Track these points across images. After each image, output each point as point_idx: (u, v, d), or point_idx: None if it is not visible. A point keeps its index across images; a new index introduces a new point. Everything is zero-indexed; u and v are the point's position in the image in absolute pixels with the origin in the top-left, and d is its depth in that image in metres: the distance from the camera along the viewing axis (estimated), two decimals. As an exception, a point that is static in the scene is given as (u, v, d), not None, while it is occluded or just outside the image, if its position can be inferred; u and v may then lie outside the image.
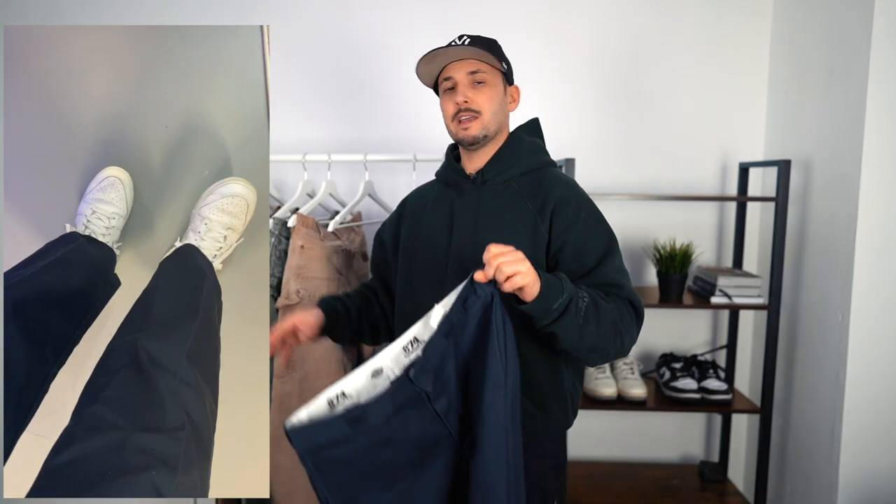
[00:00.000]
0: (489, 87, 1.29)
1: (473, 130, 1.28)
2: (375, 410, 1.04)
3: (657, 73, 2.34)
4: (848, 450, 1.82)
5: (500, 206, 1.30)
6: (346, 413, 1.03)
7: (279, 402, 1.77)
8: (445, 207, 1.36)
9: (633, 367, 2.21)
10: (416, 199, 1.45)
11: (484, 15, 2.33)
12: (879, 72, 1.73)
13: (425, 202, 1.41)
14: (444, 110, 1.32)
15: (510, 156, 1.34)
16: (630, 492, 2.21)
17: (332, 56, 2.34)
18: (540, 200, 1.29)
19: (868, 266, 1.78)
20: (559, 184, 1.32)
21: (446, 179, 1.40)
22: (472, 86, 1.28)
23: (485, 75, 1.29)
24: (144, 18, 2.33)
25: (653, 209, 2.38)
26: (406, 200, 1.48)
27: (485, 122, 1.28)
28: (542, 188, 1.31)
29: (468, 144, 1.31)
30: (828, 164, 1.95)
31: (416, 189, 1.49)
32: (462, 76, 1.28)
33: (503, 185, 1.32)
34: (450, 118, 1.31)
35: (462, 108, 1.28)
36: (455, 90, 1.29)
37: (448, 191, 1.38)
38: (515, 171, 1.33)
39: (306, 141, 2.35)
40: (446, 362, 1.08)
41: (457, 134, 1.31)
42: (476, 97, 1.28)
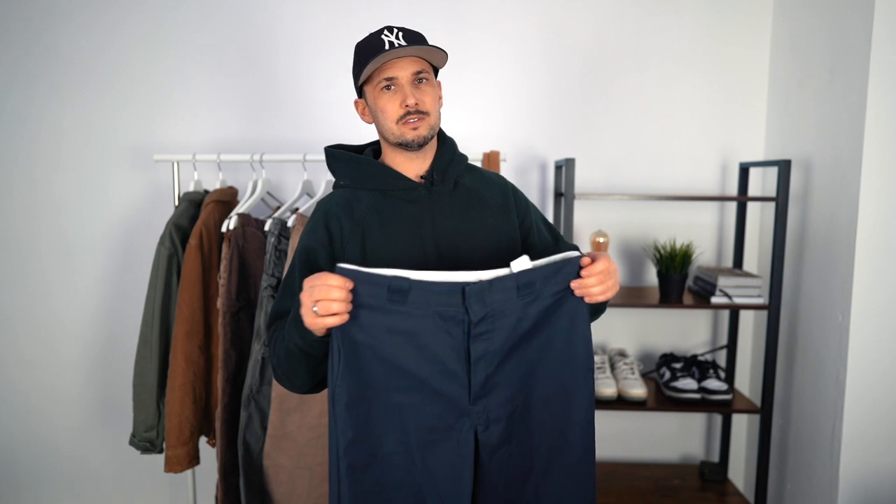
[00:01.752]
0: (431, 85, 1.24)
1: (423, 131, 1.22)
2: (418, 294, 1.02)
3: (657, 72, 2.34)
4: (848, 450, 1.82)
5: (460, 205, 1.27)
6: (394, 278, 1.01)
7: (279, 402, 1.77)
8: (402, 218, 1.24)
9: (633, 367, 2.21)
10: (346, 214, 1.25)
11: (484, 14, 2.33)
12: (879, 72, 1.73)
13: (364, 216, 1.24)
14: (385, 111, 1.21)
15: (450, 156, 1.31)
16: (630, 492, 2.21)
17: (332, 56, 2.34)
18: (497, 194, 1.31)
19: (868, 266, 1.78)
20: (498, 176, 1.37)
21: (382, 186, 1.26)
22: (416, 85, 1.22)
23: (427, 74, 1.23)
24: (144, 18, 2.33)
25: (653, 209, 2.38)
26: (328, 213, 1.25)
27: (432, 123, 1.23)
28: (492, 182, 1.33)
29: (417, 146, 1.23)
30: (828, 164, 1.95)
31: (328, 203, 1.28)
32: (406, 75, 1.20)
33: (454, 185, 1.29)
34: (394, 119, 1.21)
35: (412, 111, 1.20)
36: (397, 90, 1.21)
37: (392, 199, 1.25)
38: (458, 168, 1.31)
39: (307, 141, 2.36)
40: (507, 314, 1.07)
41: (403, 136, 1.21)
42: (422, 97, 1.22)
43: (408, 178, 1.26)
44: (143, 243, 2.29)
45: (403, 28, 1.22)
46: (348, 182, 1.28)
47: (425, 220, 1.24)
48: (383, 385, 1.05)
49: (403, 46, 1.18)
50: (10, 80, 2.35)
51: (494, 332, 1.06)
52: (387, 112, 1.21)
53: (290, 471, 1.77)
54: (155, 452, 2.00)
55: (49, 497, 2.52)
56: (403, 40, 1.19)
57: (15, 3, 2.32)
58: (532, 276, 1.06)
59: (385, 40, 1.18)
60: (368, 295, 1.02)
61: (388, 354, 1.04)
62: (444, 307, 1.04)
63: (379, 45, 1.19)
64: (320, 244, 1.23)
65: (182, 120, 2.37)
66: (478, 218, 1.27)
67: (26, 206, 2.41)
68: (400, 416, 1.06)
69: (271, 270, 1.84)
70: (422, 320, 1.04)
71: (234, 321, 1.87)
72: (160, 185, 2.38)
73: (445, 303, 1.04)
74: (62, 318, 2.44)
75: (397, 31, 1.20)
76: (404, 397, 1.06)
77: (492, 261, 1.19)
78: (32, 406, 2.48)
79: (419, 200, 1.25)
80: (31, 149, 2.38)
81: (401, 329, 1.04)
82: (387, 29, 1.20)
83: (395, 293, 1.02)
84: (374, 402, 1.05)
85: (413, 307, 1.03)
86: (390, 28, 1.21)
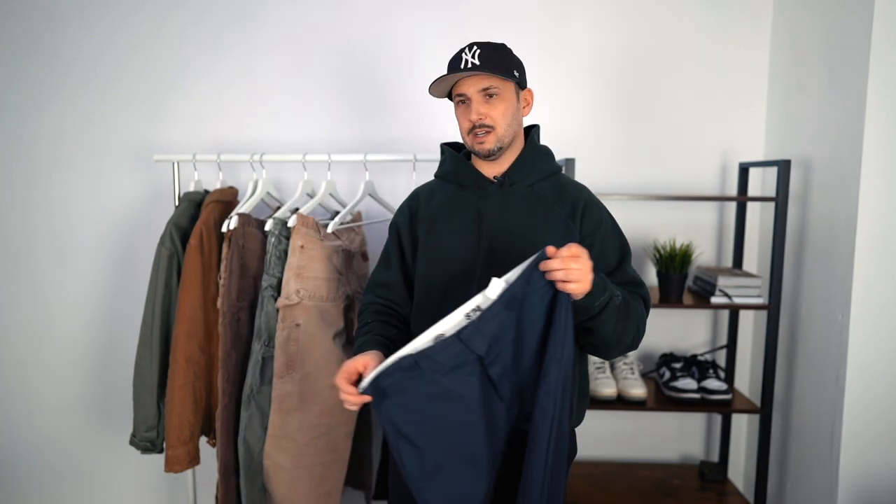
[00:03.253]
0: (501, 100, 1.32)
1: (489, 144, 1.32)
2: (427, 362, 1.11)
3: (657, 72, 2.34)
4: (848, 450, 1.82)
5: (529, 210, 1.35)
6: (399, 360, 1.11)
7: (279, 402, 1.77)
8: (469, 210, 1.37)
9: (633, 367, 2.21)
10: (427, 199, 1.43)
11: (485, 15, 2.33)
12: (879, 72, 1.73)
13: (440, 204, 1.40)
14: (460, 124, 1.36)
15: (532, 161, 1.39)
16: (630, 492, 2.21)
17: (333, 56, 2.34)
18: (568, 205, 1.36)
19: (868, 266, 1.78)
20: (581, 189, 1.41)
21: (462, 181, 1.40)
22: (484, 101, 1.31)
23: (496, 89, 1.31)
24: (144, 18, 2.33)
25: (653, 209, 2.38)
26: (418, 196, 1.46)
27: (499, 136, 1.32)
28: (568, 192, 1.38)
29: (485, 157, 1.35)
30: (828, 164, 1.95)
31: (424, 188, 1.48)
32: (474, 92, 1.31)
33: (527, 189, 1.37)
34: (465, 132, 1.34)
35: (477, 126, 1.31)
36: (468, 105, 1.32)
37: (466, 193, 1.39)
38: (537, 175, 1.38)
39: (306, 141, 2.36)
40: (505, 332, 1.13)
41: (472, 147, 1.35)
42: (489, 112, 1.31)
43: (482, 177, 1.38)
44: (143, 243, 2.29)
45: (484, 45, 1.31)
46: (440, 174, 1.46)
47: (489, 215, 1.34)
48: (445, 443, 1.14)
49: (472, 68, 1.27)
50: (11, 80, 2.35)
51: (503, 350, 1.14)
52: (460, 124, 1.36)
53: (291, 471, 1.77)
54: (155, 452, 2.00)
55: (49, 497, 2.52)
56: (477, 59, 1.28)
57: (15, 3, 2.32)
58: (512, 290, 1.12)
59: (463, 58, 1.29)
60: (392, 384, 1.12)
61: (434, 419, 1.14)
62: (454, 357, 1.12)
63: (456, 64, 1.30)
64: (403, 222, 1.44)
65: (182, 120, 2.37)
66: (540, 223, 1.34)
67: (26, 206, 2.41)
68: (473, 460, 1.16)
69: (272, 270, 1.84)
70: (445, 376, 1.12)
71: (235, 321, 1.87)
72: (160, 185, 2.38)
73: (452, 355, 1.11)
74: (62, 319, 2.44)
75: (476, 49, 1.30)
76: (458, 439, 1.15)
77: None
78: (33, 406, 2.48)
79: (488, 198, 1.35)
80: (31, 149, 2.38)
81: (433, 393, 1.13)
82: (468, 47, 1.31)
83: (408, 370, 1.11)
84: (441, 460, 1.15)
85: (431, 373, 1.12)
86: (472, 45, 1.31)
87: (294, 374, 1.77)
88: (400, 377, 1.11)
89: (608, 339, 1.25)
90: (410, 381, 1.11)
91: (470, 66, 1.27)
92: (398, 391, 1.11)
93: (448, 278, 1.35)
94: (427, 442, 1.13)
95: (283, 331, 1.77)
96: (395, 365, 1.11)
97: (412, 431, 1.12)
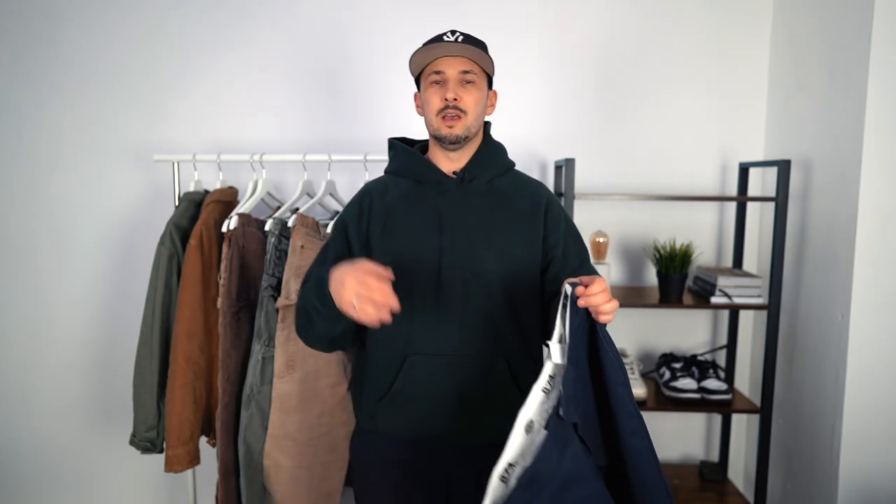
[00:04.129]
0: (477, 88, 1.30)
1: (458, 129, 1.29)
2: (544, 464, 1.01)
3: (657, 72, 2.34)
4: (848, 450, 1.82)
5: (489, 205, 1.32)
6: (519, 481, 1.00)
7: (279, 402, 1.77)
8: (427, 206, 1.32)
9: (633, 367, 2.21)
10: (380, 195, 1.36)
11: (485, 15, 2.33)
12: (879, 72, 1.73)
13: (394, 201, 1.34)
14: (429, 103, 1.30)
15: (490, 156, 1.36)
16: (630, 492, 2.21)
17: (333, 56, 2.34)
18: (530, 201, 1.35)
19: (868, 266, 1.78)
20: (541, 185, 1.41)
21: (420, 176, 1.35)
22: (462, 84, 1.29)
23: (475, 76, 1.29)
24: (145, 18, 2.33)
25: (653, 209, 2.38)
26: (369, 193, 1.38)
27: (468, 123, 1.30)
28: (528, 188, 1.37)
29: (449, 143, 1.31)
30: (828, 164, 1.95)
31: (375, 183, 1.41)
32: (454, 72, 1.28)
33: (487, 185, 1.34)
34: (434, 112, 1.30)
35: (450, 105, 1.27)
36: (444, 84, 1.29)
37: (424, 189, 1.34)
38: (496, 170, 1.36)
39: (306, 141, 2.36)
40: (576, 387, 1.07)
41: (439, 129, 1.30)
42: (465, 96, 1.28)
43: (441, 172, 1.34)
44: (143, 243, 2.29)
45: (465, 33, 1.29)
46: (392, 169, 1.40)
47: (448, 212, 1.31)
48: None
49: (454, 43, 1.25)
50: (11, 80, 2.35)
51: (578, 405, 1.07)
52: (431, 104, 1.30)
53: (291, 471, 1.77)
54: (155, 452, 2.00)
55: (49, 497, 2.52)
56: (461, 41, 1.27)
57: (15, 3, 2.32)
58: (570, 346, 1.05)
59: (444, 38, 1.28)
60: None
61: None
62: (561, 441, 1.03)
63: (437, 41, 1.27)
64: (352, 219, 1.36)
65: (182, 120, 2.37)
66: (501, 219, 1.31)
67: (26, 206, 2.41)
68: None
69: (271, 270, 1.84)
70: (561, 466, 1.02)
71: (235, 321, 1.87)
72: (160, 185, 2.38)
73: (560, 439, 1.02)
74: (62, 319, 2.44)
75: (459, 34, 1.28)
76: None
77: (502, 261, 1.20)
78: (33, 406, 2.48)
79: (447, 193, 1.32)
80: (31, 149, 2.38)
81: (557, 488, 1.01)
82: (450, 31, 1.29)
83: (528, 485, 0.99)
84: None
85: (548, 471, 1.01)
86: (454, 31, 1.29)
87: (294, 374, 1.77)
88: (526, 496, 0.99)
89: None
90: (533, 494, 0.99)
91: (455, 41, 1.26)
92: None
93: (409, 279, 1.28)
94: None
95: (284, 331, 1.77)
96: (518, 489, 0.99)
97: None
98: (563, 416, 1.02)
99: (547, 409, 1.06)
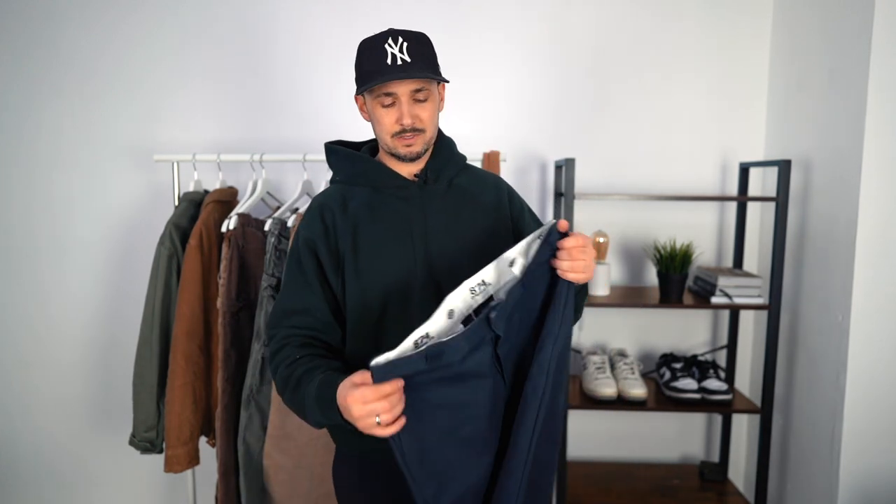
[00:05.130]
0: (430, 101, 1.23)
1: (417, 147, 1.23)
2: (452, 349, 1.05)
3: (657, 72, 2.34)
4: (848, 450, 1.82)
5: (453, 204, 1.29)
6: (427, 350, 1.04)
7: (279, 402, 1.77)
8: (394, 215, 1.26)
9: (634, 367, 2.21)
10: (340, 208, 1.27)
11: (484, 15, 2.33)
12: (879, 72, 1.73)
13: (356, 212, 1.26)
14: (381, 122, 1.22)
15: (447, 156, 1.32)
16: (630, 492, 2.21)
17: (332, 56, 2.34)
18: (491, 193, 1.33)
19: (868, 266, 1.78)
20: (496, 176, 1.39)
21: (377, 184, 1.28)
22: (413, 103, 1.21)
23: (427, 91, 1.22)
24: (144, 19, 2.33)
25: (653, 209, 2.38)
26: (325, 207, 1.28)
27: (427, 139, 1.25)
28: (486, 182, 1.35)
29: (409, 160, 1.25)
30: (828, 164, 1.95)
31: (328, 196, 1.30)
32: (405, 93, 1.19)
33: (448, 185, 1.31)
34: (388, 133, 1.22)
35: (408, 129, 1.21)
36: (395, 106, 1.21)
37: (383, 197, 1.27)
38: (453, 169, 1.33)
39: (306, 141, 2.36)
40: (517, 311, 1.09)
41: (396, 149, 1.23)
42: (420, 113, 1.22)
43: (401, 176, 1.27)
44: (143, 243, 2.29)
45: (409, 37, 1.19)
46: (344, 178, 1.30)
47: (416, 217, 1.25)
48: (447, 427, 1.09)
49: (404, 65, 1.16)
50: (11, 80, 2.35)
51: (511, 327, 1.10)
52: (383, 125, 1.22)
53: (290, 471, 1.77)
54: (155, 452, 2.00)
55: (49, 497, 2.52)
56: (407, 54, 1.17)
57: (15, 3, 2.32)
58: (530, 268, 1.09)
59: (388, 52, 1.17)
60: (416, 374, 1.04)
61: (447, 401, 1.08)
62: (477, 340, 1.06)
63: (381, 58, 1.17)
64: (318, 236, 1.24)
65: (182, 120, 2.37)
66: (469, 217, 1.28)
67: (26, 206, 2.41)
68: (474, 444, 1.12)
69: (271, 270, 1.84)
70: (463, 360, 1.06)
71: (234, 321, 1.87)
72: (160, 185, 2.38)
73: (477, 338, 1.06)
74: (62, 319, 2.44)
75: (402, 41, 1.18)
76: (470, 427, 1.10)
77: (480, 259, 1.19)
78: (33, 406, 2.48)
79: (411, 198, 1.27)
80: (31, 149, 2.38)
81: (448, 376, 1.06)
82: (391, 37, 1.18)
83: (432, 359, 1.04)
84: (440, 446, 1.09)
85: (451, 356, 1.05)
86: (395, 36, 1.18)
87: (294, 374, 1.77)
88: (424, 366, 1.02)
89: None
90: (430, 367, 1.03)
91: (401, 64, 1.16)
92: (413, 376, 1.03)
93: (385, 294, 1.22)
94: (426, 425, 1.07)
95: (283, 331, 1.77)
96: (421, 353, 1.02)
97: (410, 412, 1.05)
98: (492, 321, 1.05)
99: (471, 307, 1.10)
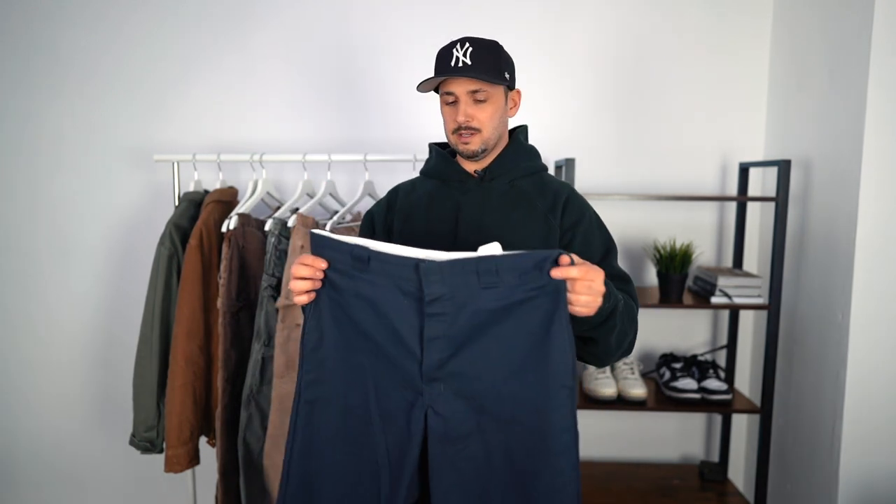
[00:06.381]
0: (490, 103, 1.30)
1: (473, 146, 1.31)
2: (377, 262, 1.06)
3: (657, 72, 2.34)
4: (848, 450, 1.82)
5: (508, 204, 1.33)
6: (356, 247, 1.07)
7: (279, 402, 1.77)
8: (447, 204, 1.35)
9: (633, 367, 2.21)
10: (407, 193, 1.42)
11: (484, 15, 2.33)
12: (879, 72, 1.73)
13: (418, 198, 1.39)
14: (445, 122, 1.33)
15: (514, 158, 1.37)
16: (630, 492, 2.21)
17: (333, 56, 2.34)
18: (549, 200, 1.35)
19: (868, 266, 1.78)
20: (563, 186, 1.39)
21: (444, 176, 1.39)
22: (472, 103, 1.29)
23: (486, 93, 1.29)
24: (145, 19, 2.33)
25: (653, 209, 2.38)
26: (397, 190, 1.44)
27: (485, 138, 1.31)
28: (549, 189, 1.37)
29: (467, 157, 1.34)
30: (828, 164, 1.95)
31: (405, 183, 1.46)
32: (463, 93, 1.28)
33: (508, 185, 1.36)
34: (450, 130, 1.32)
35: (463, 127, 1.29)
36: (455, 105, 1.30)
37: (446, 188, 1.37)
38: (519, 172, 1.37)
39: (306, 141, 2.36)
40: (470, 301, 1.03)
41: (456, 146, 1.33)
42: (477, 114, 1.29)
43: (463, 171, 1.37)
44: (143, 243, 2.29)
45: (476, 43, 1.27)
46: (423, 170, 1.45)
47: (468, 210, 1.33)
48: (347, 343, 1.11)
49: (463, 67, 1.25)
50: (11, 81, 2.35)
51: (450, 315, 1.04)
52: (445, 122, 1.33)
53: (291, 471, 1.77)
54: (155, 452, 2.00)
55: (49, 497, 2.52)
56: (468, 58, 1.25)
57: (15, 4, 2.32)
58: (496, 263, 1.00)
59: (454, 55, 1.27)
60: (338, 261, 1.09)
61: (353, 316, 1.10)
62: (402, 280, 1.06)
63: (446, 60, 1.27)
64: (380, 212, 1.42)
65: (182, 120, 2.37)
66: (520, 219, 1.32)
67: (27, 207, 2.41)
68: (363, 376, 1.11)
69: (271, 270, 1.84)
70: (383, 290, 1.07)
71: (234, 321, 1.87)
72: (160, 185, 2.38)
73: (402, 276, 1.06)
74: (62, 319, 2.45)
75: (468, 46, 1.26)
76: (366, 359, 1.10)
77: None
78: (33, 406, 2.48)
79: (468, 192, 1.35)
80: (32, 149, 2.38)
81: (365, 295, 1.09)
82: (460, 43, 1.27)
83: (357, 261, 1.07)
84: (337, 355, 1.11)
85: (375, 276, 1.07)
86: (464, 42, 1.27)
87: (294, 373, 1.77)
88: (348, 264, 1.07)
89: (610, 348, 1.19)
90: (353, 270, 1.07)
91: (461, 66, 1.25)
92: (337, 271, 1.08)
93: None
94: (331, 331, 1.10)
95: (283, 331, 1.77)
96: (349, 248, 1.06)
97: (331, 306, 1.10)
98: (421, 270, 1.03)
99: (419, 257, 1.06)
